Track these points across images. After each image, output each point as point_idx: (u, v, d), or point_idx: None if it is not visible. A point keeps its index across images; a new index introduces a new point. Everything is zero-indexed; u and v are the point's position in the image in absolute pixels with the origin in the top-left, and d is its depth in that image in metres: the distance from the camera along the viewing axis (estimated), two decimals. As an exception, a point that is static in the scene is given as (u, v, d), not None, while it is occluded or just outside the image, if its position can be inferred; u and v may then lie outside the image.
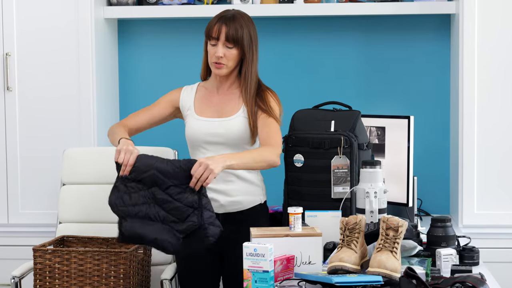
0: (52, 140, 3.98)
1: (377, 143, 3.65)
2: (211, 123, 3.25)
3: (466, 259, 3.03)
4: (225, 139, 3.22)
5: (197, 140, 3.26)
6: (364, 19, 4.20)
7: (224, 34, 3.18)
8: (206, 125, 3.25)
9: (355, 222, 2.83)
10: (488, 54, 3.80)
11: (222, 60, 3.20)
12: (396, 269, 2.67)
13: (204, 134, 3.24)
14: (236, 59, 3.22)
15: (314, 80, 4.25)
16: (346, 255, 2.76)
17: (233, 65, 3.23)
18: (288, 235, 2.86)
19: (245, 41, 3.20)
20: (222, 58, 3.20)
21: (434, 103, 4.20)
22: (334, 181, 3.25)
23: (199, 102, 3.32)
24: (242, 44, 3.20)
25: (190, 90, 3.36)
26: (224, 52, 3.20)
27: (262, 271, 2.70)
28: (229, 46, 3.20)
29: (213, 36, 3.20)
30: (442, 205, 4.18)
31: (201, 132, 3.25)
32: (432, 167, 4.18)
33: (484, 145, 3.81)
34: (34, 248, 3.30)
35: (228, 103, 3.27)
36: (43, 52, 3.97)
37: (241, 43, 3.19)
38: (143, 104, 4.30)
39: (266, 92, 3.26)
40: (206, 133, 3.24)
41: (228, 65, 3.22)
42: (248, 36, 3.21)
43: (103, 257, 3.24)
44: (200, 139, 3.25)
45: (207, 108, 3.29)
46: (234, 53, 3.21)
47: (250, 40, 3.22)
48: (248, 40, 3.21)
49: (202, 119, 3.27)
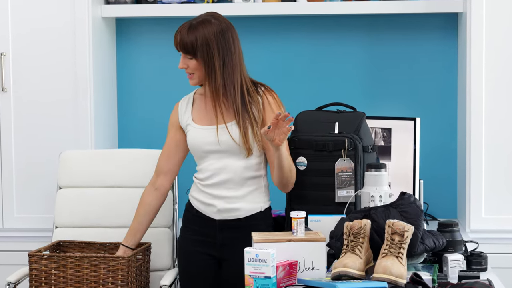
0: (48, 142, 3.99)
1: (382, 145, 3.65)
2: (209, 131, 3.23)
3: (473, 265, 3.03)
4: (225, 146, 3.20)
5: (197, 149, 3.25)
6: (368, 18, 4.20)
7: (178, 44, 3.18)
8: (204, 133, 3.24)
9: (360, 227, 2.83)
10: (497, 54, 3.80)
11: (188, 70, 3.20)
12: (401, 275, 2.67)
13: (203, 143, 3.22)
14: (200, 68, 3.18)
15: (317, 80, 4.25)
16: (351, 261, 2.76)
17: (201, 75, 3.19)
18: (290, 240, 2.86)
19: (199, 49, 3.14)
20: (188, 69, 3.20)
21: (440, 104, 4.20)
22: (338, 184, 3.25)
23: (197, 111, 3.30)
24: (195, 52, 3.15)
25: (186, 102, 3.33)
26: (185, 62, 3.19)
27: (264, 277, 2.70)
28: (188, 56, 3.18)
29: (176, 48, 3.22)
30: (449, 209, 4.18)
31: (199, 141, 3.23)
32: (439, 170, 4.19)
33: (493, 147, 3.82)
34: (30, 253, 3.30)
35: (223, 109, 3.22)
36: (39, 52, 3.97)
37: (195, 52, 3.15)
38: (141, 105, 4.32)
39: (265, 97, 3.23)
40: (204, 142, 3.22)
41: (197, 74, 3.20)
42: (204, 44, 3.14)
43: (101, 263, 3.24)
44: (200, 148, 3.24)
45: (205, 115, 3.27)
46: (193, 63, 3.17)
47: (207, 46, 3.14)
48: (205, 48, 3.14)
49: (200, 127, 3.26)
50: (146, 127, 4.31)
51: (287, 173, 3.18)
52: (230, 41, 3.18)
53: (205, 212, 3.27)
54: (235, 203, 3.23)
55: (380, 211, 2.93)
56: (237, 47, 3.21)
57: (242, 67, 3.22)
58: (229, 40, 3.18)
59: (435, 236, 2.96)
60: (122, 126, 4.35)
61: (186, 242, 3.33)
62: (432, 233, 2.98)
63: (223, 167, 3.22)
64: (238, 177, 3.22)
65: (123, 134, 4.35)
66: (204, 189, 3.26)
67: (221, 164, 3.23)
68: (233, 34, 3.21)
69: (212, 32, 3.15)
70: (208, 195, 3.25)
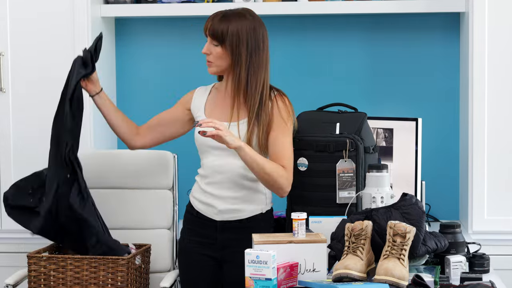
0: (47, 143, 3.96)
1: (384, 146, 3.66)
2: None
3: (476, 267, 3.04)
4: None
5: (202, 143, 3.25)
6: (370, 18, 4.20)
7: (209, 29, 3.19)
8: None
9: (361, 228, 2.83)
10: (499, 54, 3.80)
11: (209, 57, 3.20)
12: (403, 276, 2.67)
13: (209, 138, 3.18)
14: (224, 58, 3.19)
15: (318, 81, 4.25)
16: (352, 262, 2.76)
17: (221, 64, 3.20)
18: (291, 241, 2.86)
19: (228, 39, 3.16)
20: (209, 56, 3.20)
21: (443, 104, 4.20)
22: (339, 185, 3.26)
23: (210, 104, 3.31)
24: (224, 41, 3.17)
25: (203, 91, 3.35)
26: (209, 49, 3.20)
27: (264, 279, 2.70)
28: (214, 43, 3.19)
29: (204, 32, 3.22)
30: (451, 210, 4.18)
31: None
32: (441, 171, 4.19)
33: (495, 148, 3.82)
34: (29, 254, 3.31)
35: (235, 106, 3.23)
36: (38, 51, 3.97)
37: (223, 40, 3.17)
38: (141, 106, 4.32)
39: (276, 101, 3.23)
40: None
41: (216, 64, 3.20)
42: (234, 34, 3.16)
43: (100, 264, 3.24)
44: (204, 142, 3.24)
45: (217, 110, 3.27)
46: (218, 50, 3.19)
47: (237, 37, 3.16)
48: (234, 39, 3.16)
49: None
50: (145, 128, 4.31)
51: (262, 176, 3.13)
52: (260, 39, 3.21)
53: (205, 213, 3.27)
54: (236, 204, 3.24)
55: (381, 213, 2.93)
56: (266, 47, 3.23)
57: (267, 68, 3.23)
58: (259, 38, 3.20)
59: (437, 238, 2.97)
60: (122, 127, 4.34)
61: (187, 244, 3.33)
62: (434, 235, 2.98)
63: (224, 165, 3.23)
64: (238, 177, 3.22)
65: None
66: (205, 188, 3.26)
67: (223, 161, 3.23)
68: (264, 33, 3.24)
69: (245, 25, 3.18)
70: (208, 195, 3.25)
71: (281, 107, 3.23)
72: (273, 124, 3.21)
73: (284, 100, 3.25)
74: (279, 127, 3.20)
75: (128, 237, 3.56)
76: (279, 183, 3.16)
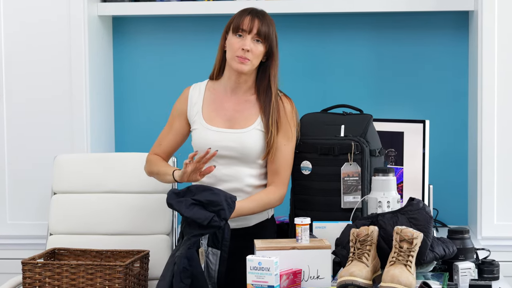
0: (42, 146, 4.00)
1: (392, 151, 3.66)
2: (222, 135, 3.22)
3: (485, 273, 3.04)
4: (238, 153, 3.21)
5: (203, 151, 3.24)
6: (376, 16, 4.21)
7: (257, 28, 3.20)
8: (217, 136, 3.22)
9: (367, 234, 2.84)
10: (509, 53, 3.80)
11: (248, 54, 3.19)
12: (410, 284, 2.68)
13: (215, 147, 3.14)
14: (261, 57, 3.22)
15: (323, 81, 4.26)
16: (357, 269, 2.76)
17: (256, 63, 3.22)
18: (294, 247, 2.87)
19: (273, 40, 3.24)
20: (248, 53, 3.20)
21: (451, 106, 4.21)
22: (344, 189, 3.26)
23: (208, 106, 3.29)
24: (271, 41, 3.23)
25: (198, 91, 3.33)
26: (251, 46, 3.20)
27: (267, 286, 2.71)
28: (259, 40, 3.21)
29: (243, 29, 3.19)
30: (459, 215, 4.18)
31: (211, 145, 3.17)
32: (449, 175, 4.19)
33: (505, 150, 3.82)
34: (23, 261, 3.31)
35: (243, 111, 3.25)
36: (33, 52, 3.98)
37: (270, 40, 3.22)
38: (139, 107, 4.33)
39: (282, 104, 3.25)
40: (217, 146, 3.17)
41: (253, 62, 3.21)
42: (275, 35, 3.25)
43: (97, 271, 3.25)
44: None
45: (217, 115, 3.27)
46: (261, 49, 3.21)
47: (275, 38, 3.26)
48: (274, 37, 3.25)
49: (212, 128, 3.24)
50: (144, 129, 4.31)
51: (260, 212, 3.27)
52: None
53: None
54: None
55: (387, 218, 2.94)
56: None
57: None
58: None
59: (445, 244, 2.97)
60: (119, 128, 4.36)
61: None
62: (442, 241, 2.98)
63: (231, 175, 3.23)
64: (244, 186, 3.22)
65: (120, 137, 4.36)
66: None
67: (230, 171, 3.23)
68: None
69: (274, 26, 3.28)
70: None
71: (287, 110, 3.26)
72: (280, 127, 3.23)
73: (290, 103, 3.28)
74: (285, 132, 3.23)
75: (126, 243, 3.56)
76: (272, 206, 3.30)
